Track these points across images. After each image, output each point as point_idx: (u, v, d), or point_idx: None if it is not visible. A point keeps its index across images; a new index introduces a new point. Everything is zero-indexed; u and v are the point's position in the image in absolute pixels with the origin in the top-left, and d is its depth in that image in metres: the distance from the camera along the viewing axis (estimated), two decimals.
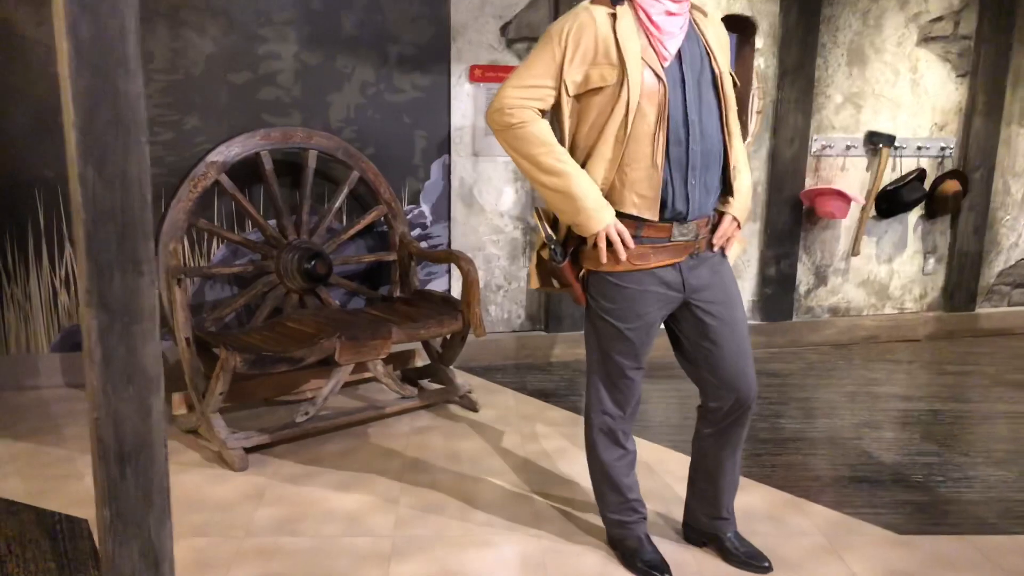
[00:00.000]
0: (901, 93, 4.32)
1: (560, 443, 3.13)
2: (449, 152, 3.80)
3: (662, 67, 1.97)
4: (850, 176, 4.33)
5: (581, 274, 2.14)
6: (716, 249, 2.15)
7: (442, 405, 3.47)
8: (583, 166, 2.01)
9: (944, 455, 3.10)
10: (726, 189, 2.14)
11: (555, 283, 2.21)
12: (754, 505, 2.66)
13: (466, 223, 3.90)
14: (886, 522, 2.56)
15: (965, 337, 4.66)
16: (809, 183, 4.27)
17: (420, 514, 2.56)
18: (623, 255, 2.03)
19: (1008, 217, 4.67)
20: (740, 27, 4.09)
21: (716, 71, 2.04)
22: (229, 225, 3.58)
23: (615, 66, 1.94)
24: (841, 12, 4.15)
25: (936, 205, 4.45)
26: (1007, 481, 2.89)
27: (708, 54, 2.05)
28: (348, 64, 3.58)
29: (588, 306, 2.17)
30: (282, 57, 3.52)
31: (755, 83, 4.12)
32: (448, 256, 3.43)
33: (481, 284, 3.86)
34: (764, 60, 4.09)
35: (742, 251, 2.42)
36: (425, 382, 3.62)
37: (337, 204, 3.50)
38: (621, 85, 1.94)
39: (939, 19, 4.29)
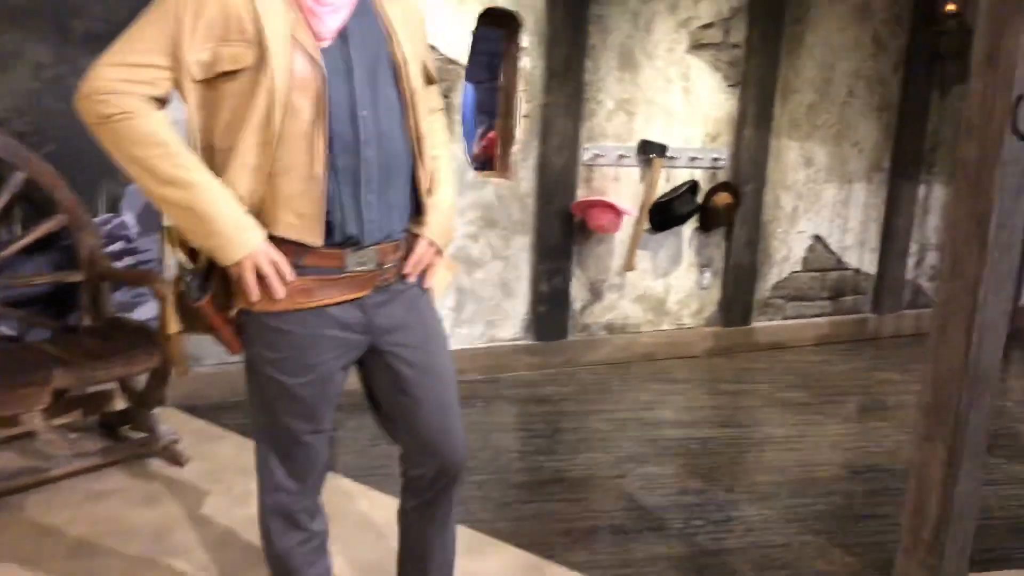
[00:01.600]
0: (673, 101, 4.14)
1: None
2: None
3: (319, 49, 1.51)
4: (623, 187, 4.10)
5: (232, 314, 1.64)
6: (412, 280, 1.72)
7: (140, 460, 2.85)
8: (221, 175, 1.51)
9: (707, 492, 2.86)
10: (421, 206, 1.71)
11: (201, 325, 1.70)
12: (489, 573, 2.27)
13: None
14: None
15: (742, 352, 4.57)
16: (581, 194, 3.99)
17: None
18: (279, 291, 1.54)
19: (780, 230, 4.63)
20: (504, 23, 3.74)
21: (398, 58, 1.61)
22: None
23: (252, 45, 1.46)
24: (611, 12, 3.90)
25: (709, 218, 4.31)
26: (767, 523, 2.67)
27: (388, 36, 1.61)
28: (13, 41, 2.89)
29: (247, 356, 1.68)
30: None
31: (520, 85, 3.78)
32: (143, 277, 2.81)
33: None
34: (530, 60, 3.76)
35: (451, 281, 2.01)
36: (127, 429, 2.99)
37: None
38: (261, 70, 1.46)
39: (709, 26, 4.15)
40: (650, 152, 4.07)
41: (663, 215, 4.15)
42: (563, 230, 3.96)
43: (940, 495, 2.21)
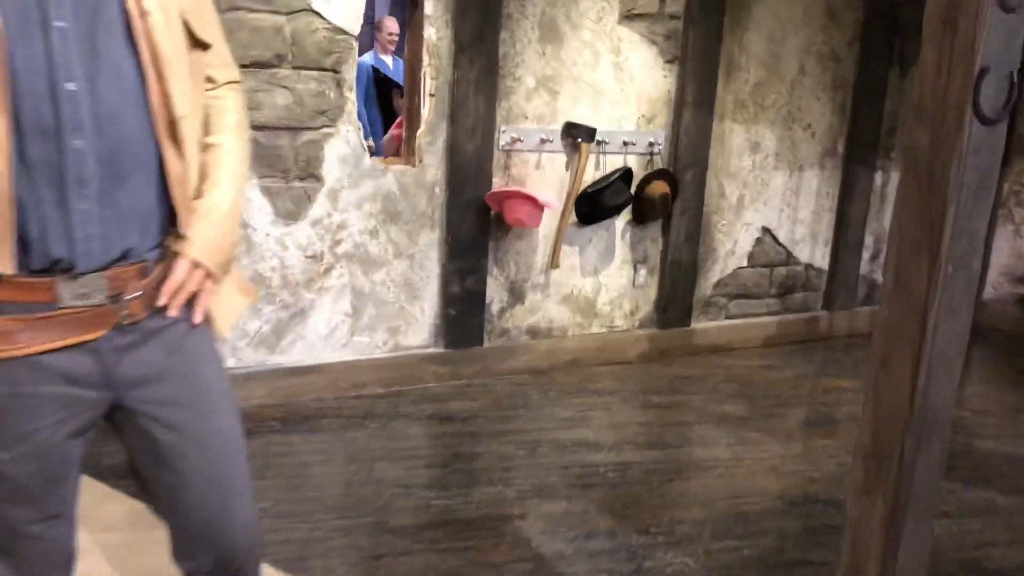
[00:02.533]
0: (603, 78, 3.70)
1: (96, 562, 2.15)
2: None
3: None
4: (546, 175, 3.66)
5: None
6: (174, 313, 1.27)
7: None
8: None
9: (619, 535, 2.45)
10: (178, 214, 1.26)
11: None
12: None
13: None
14: None
15: (680, 356, 4.17)
16: (498, 183, 3.54)
17: None
18: None
19: (724, 222, 4.23)
20: None
21: (131, 7, 1.15)
22: None
23: None
24: None
25: (644, 209, 3.89)
26: (685, 572, 2.28)
27: None
28: None
29: None
30: None
31: (426, 59, 3.32)
32: None
33: None
34: (436, 31, 3.30)
35: (244, 311, 1.55)
36: None
37: None
38: None
39: None
40: (576, 136, 3.63)
41: (592, 207, 3.71)
42: (477, 224, 3.51)
43: (880, 558, 1.82)
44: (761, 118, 4.18)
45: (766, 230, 4.37)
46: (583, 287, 3.90)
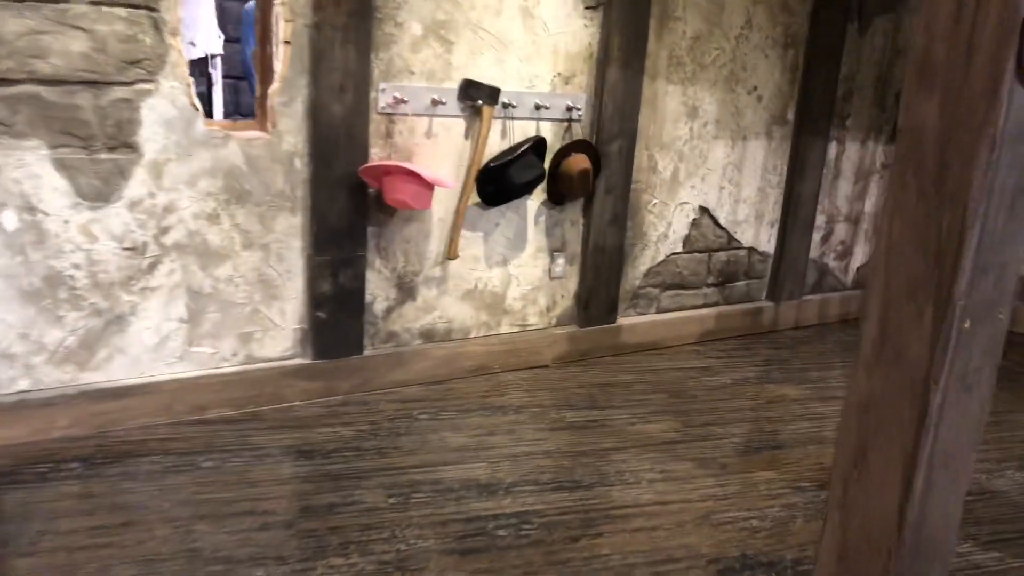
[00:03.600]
0: (509, 27, 3.04)
1: None
2: None
3: None
4: (440, 145, 3.00)
5: None
6: None
7: None
8: None
9: None
10: None
11: None
12: None
13: None
14: None
15: (605, 357, 3.58)
16: (377, 155, 2.87)
17: None
18: None
19: (656, 201, 3.63)
20: None
21: None
22: None
23: None
24: None
25: (561, 187, 3.26)
26: None
27: None
28: None
29: None
30: None
31: None
32: None
33: None
34: None
35: None
36: None
37: None
38: None
39: None
40: (476, 98, 2.97)
41: (497, 184, 3.07)
42: (351, 205, 2.84)
43: None
44: (700, 78, 3.56)
45: (704, 210, 3.78)
46: (489, 280, 3.27)
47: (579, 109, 3.25)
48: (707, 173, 3.72)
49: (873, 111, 4.15)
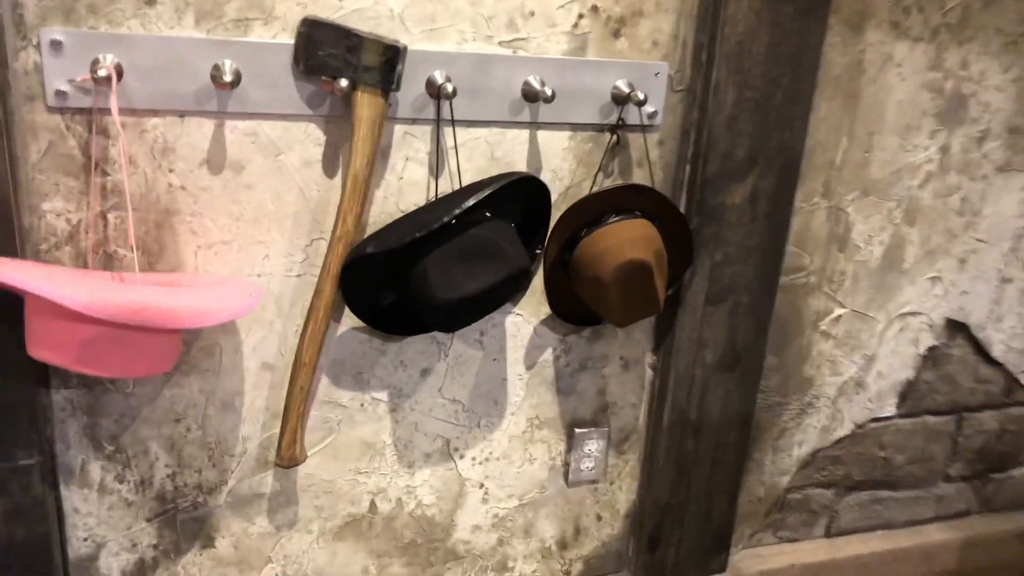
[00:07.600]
0: None
1: None
2: None
3: None
4: (250, 193, 1.17)
5: None
6: None
7: None
8: None
9: None
10: None
11: None
12: None
13: None
14: None
15: None
16: (54, 225, 1.10)
17: None
18: None
19: (842, 312, 1.59)
20: None
21: None
22: None
23: None
24: None
25: (584, 293, 1.33)
26: None
27: None
28: None
29: None
30: None
31: None
32: None
33: None
34: None
35: None
36: None
37: None
38: None
39: None
40: (341, 70, 1.11)
41: (400, 289, 1.20)
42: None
43: None
44: (974, 32, 1.48)
45: (957, 328, 1.70)
46: (409, 491, 1.42)
47: (647, 99, 1.29)
48: (974, 249, 1.63)
49: None
